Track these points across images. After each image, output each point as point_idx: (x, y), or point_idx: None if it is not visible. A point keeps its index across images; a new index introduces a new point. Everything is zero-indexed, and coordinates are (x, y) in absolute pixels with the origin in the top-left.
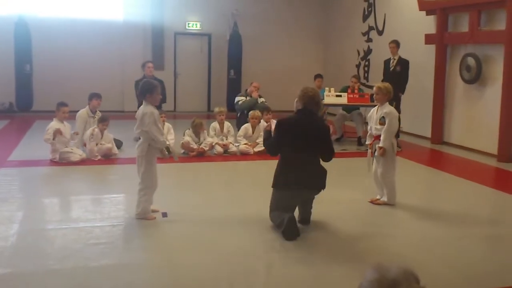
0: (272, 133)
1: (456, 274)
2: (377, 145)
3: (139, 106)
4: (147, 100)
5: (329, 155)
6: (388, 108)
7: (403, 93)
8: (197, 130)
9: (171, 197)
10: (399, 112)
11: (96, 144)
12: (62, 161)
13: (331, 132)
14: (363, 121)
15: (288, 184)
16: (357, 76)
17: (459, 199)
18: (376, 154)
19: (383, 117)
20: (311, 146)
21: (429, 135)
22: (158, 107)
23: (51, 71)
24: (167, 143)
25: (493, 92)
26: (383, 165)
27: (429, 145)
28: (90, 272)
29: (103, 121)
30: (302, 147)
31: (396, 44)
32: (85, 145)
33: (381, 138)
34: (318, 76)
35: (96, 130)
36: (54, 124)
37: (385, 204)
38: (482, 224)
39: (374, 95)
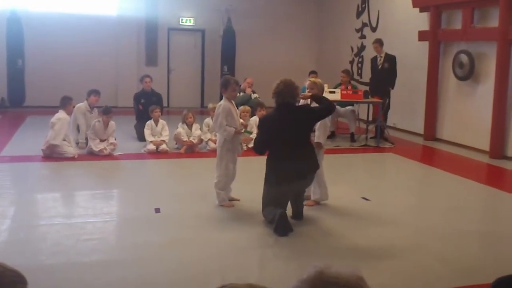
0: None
1: (446, 268)
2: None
3: (136, 118)
4: (224, 94)
5: (330, 110)
6: None
7: (393, 88)
8: (184, 121)
9: (163, 192)
10: (388, 107)
11: (101, 140)
12: (53, 155)
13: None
14: (356, 118)
15: (280, 180)
16: (346, 71)
17: (451, 195)
18: None
19: None
20: (298, 136)
21: (421, 131)
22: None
23: (43, 66)
24: (236, 129)
25: (486, 89)
26: None
27: (421, 142)
28: (82, 267)
29: (107, 113)
30: (288, 140)
31: (379, 44)
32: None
33: (316, 134)
34: (312, 72)
35: (98, 123)
36: (66, 117)
37: (316, 203)
38: (474, 220)
39: (309, 90)
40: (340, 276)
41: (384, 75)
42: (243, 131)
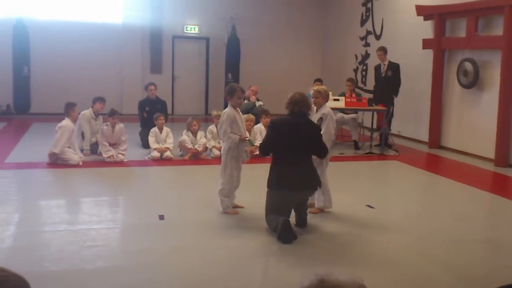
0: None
1: (451, 276)
2: None
3: (141, 125)
4: (229, 102)
5: (323, 152)
6: (326, 109)
7: (396, 96)
8: (189, 128)
9: (167, 199)
10: (392, 115)
11: (111, 144)
12: (58, 162)
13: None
14: (358, 126)
15: (282, 186)
16: (351, 79)
17: (455, 203)
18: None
19: (321, 118)
20: (304, 147)
21: (426, 139)
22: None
23: (49, 74)
24: (241, 137)
25: (490, 97)
26: (318, 168)
27: (426, 149)
28: (85, 274)
29: (112, 114)
30: (295, 147)
31: (383, 51)
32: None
33: None
34: (317, 80)
35: (106, 127)
36: (69, 124)
37: (321, 210)
38: (478, 228)
39: (314, 99)
40: (341, 284)
41: (388, 83)
42: (247, 138)
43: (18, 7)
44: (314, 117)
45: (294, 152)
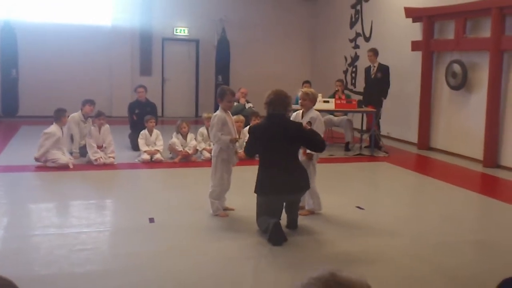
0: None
1: (441, 277)
2: (301, 150)
3: (130, 127)
4: (220, 104)
5: (318, 147)
6: (314, 113)
7: (385, 98)
8: (179, 131)
9: (157, 202)
10: (379, 117)
11: (98, 147)
12: (47, 164)
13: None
14: (352, 127)
15: (270, 190)
16: (341, 80)
17: (445, 204)
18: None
19: (309, 121)
20: (286, 148)
21: (415, 140)
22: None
23: (37, 76)
24: (232, 138)
25: (479, 98)
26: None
27: (415, 151)
28: (75, 278)
29: (98, 116)
30: (277, 150)
31: (373, 52)
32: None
33: None
34: (305, 82)
35: (93, 128)
36: (54, 131)
37: (311, 213)
38: (468, 229)
39: (301, 101)
40: (351, 280)
41: (377, 84)
42: (238, 139)
43: (5, 9)
44: (302, 122)
45: (276, 155)
